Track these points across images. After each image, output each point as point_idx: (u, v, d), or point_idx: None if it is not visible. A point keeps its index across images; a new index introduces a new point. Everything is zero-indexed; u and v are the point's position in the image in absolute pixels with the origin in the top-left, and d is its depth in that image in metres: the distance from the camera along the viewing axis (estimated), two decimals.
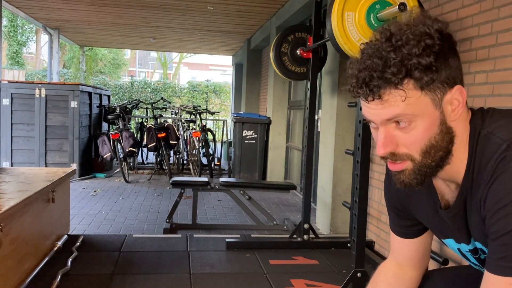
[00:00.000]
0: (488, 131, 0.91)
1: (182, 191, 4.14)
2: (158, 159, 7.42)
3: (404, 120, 0.89)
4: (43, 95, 6.27)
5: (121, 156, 6.68)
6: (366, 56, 0.89)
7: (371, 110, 0.91)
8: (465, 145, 0.94)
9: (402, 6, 1.93)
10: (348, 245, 3.40)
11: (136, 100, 8.42)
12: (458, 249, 1.09)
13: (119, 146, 6.70)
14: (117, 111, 7.19)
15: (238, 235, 3.86)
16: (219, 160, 7.95)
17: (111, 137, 6.64)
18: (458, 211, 0.98)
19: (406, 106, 0.87)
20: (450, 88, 0.89)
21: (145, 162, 8.28)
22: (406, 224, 1.18)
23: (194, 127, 7.75)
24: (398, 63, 0.85)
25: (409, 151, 0.91)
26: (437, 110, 0.89)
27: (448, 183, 1.01)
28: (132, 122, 9.06)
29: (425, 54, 0.85)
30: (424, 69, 0.85)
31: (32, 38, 18.67)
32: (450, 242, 1.09)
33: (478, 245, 1.00)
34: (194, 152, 7.34)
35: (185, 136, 7.53)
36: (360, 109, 2.51)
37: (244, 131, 6.78)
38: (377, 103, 0.89)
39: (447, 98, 0.90)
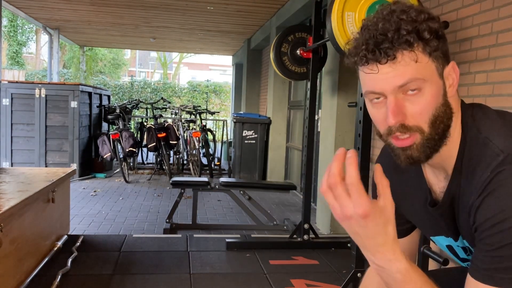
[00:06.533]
0: (485, 136, 0.90)
1: (182, 191, 4.14)
2: (158, 159, 7.42)
3: (414, 86, 0.87)
4: (43, 95, 6.26)
5: (121, 156, 6.68)
6: (373, 24, 0.87)
7: (381, 77, 0.87)
8: (458, 132, 0.93)
9: None
10: (348, 245, 3.40)
11: (136, 100, 8.42)
12: (448, 246, 1.09)
13: (119, 146, 6.70)
14: (117, 111, 7.19)
15: (238, 235, 3.86)
16: (219, 160, 7.95)
17: (111, 137, 6.64)
18: (445, 210, 0.98)
19: (417, 69, 0.86)
20: (447, 63, 0.91)
21: (145, 162, 8.28)
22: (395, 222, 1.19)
23: (194, 127, 7.75)
24: (411, 23, 0.85)
25: (418, 123, 0.89)
26: (440, 79, 0.90)
27: (437, 172, 1.00)
28: (132, 122, 9.06)
29: (432, 20, 0.87)
30: (433, 32, 0.86)
31: (32, 38, 18.68)
32: (440, 239, 1.09)
33: (466, 243, 1.00)
34: (194, 152, 7.34)
35: (185, 136, 7.53)
36: (361, 108, 2.51)
37: (244, 131, 6.77)
38: (389, 66, 0.86)
39: (446, 72, 0.91)
